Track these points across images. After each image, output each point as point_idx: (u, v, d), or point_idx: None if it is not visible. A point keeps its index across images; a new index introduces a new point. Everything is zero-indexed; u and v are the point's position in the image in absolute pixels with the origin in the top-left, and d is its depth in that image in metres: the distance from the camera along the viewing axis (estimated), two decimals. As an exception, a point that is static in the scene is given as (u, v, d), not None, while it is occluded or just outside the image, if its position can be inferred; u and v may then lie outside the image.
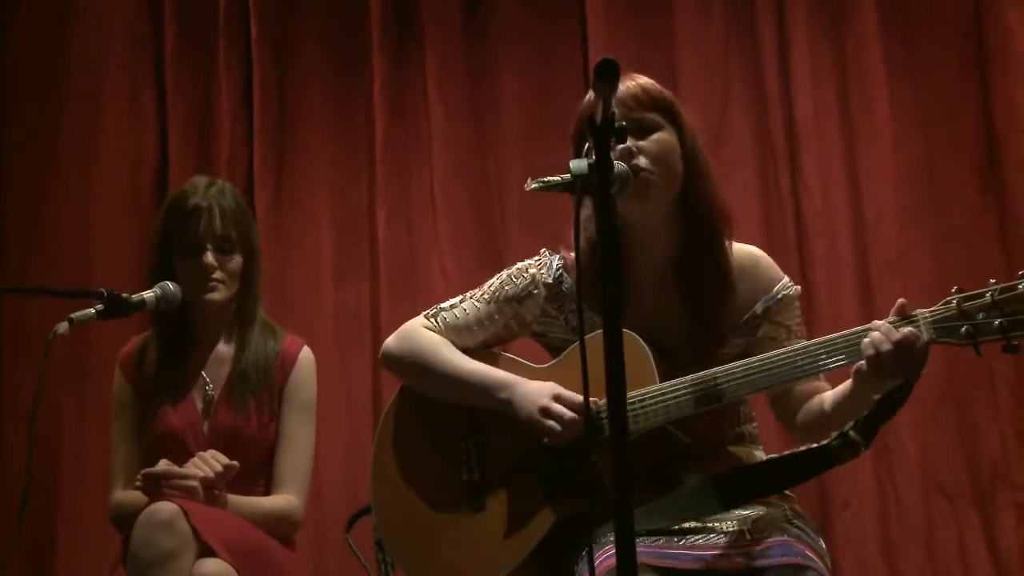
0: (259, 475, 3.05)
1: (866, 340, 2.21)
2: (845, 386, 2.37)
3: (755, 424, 2.59)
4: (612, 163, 1.85)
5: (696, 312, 2.45)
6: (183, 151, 4.52)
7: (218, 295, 3.05)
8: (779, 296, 2.50)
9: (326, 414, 3.48)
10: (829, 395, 2.43)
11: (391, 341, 2.63)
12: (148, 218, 4.28)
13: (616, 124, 1.82)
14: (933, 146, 4.11)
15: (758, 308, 2.49)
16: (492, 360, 2.57)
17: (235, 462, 2.85)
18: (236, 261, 3.08)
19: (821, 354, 2.28)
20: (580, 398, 2.29)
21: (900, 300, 2.26)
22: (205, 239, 3.03)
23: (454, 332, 2.59)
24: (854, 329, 2.27)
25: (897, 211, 4.05)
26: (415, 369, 2.58)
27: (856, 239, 4.06)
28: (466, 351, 2.58)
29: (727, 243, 2.48)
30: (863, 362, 2.23)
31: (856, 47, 4.15)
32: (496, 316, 2.59)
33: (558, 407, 2.36)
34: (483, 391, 2.49)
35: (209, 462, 2.84)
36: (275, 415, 3.06)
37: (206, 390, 3.06)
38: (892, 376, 2.22)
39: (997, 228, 4.02)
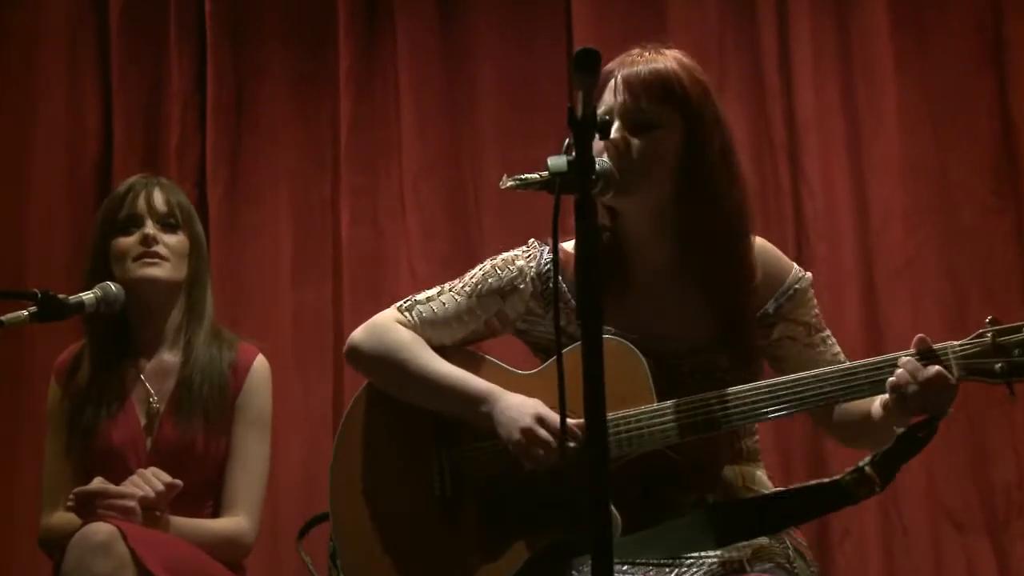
0: (207, 495, 3.03)
1: (891, 379, 2.20)
2: (876, 404, 2.35)
3: (756, 438, 2.56)
4: (593, 160, 1.83)
5: (717, 317, 2.42)
6: (128, 139, 4.47)
7: (160, 271, 3.02)
8: (791, 291, 2.49)
9: (282, 427, 3.46)
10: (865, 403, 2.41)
11: (359, 334, 2.59)
12: (88, 212, 4.22)
13: (599, 118, 1.80)
14: (944, 142, 4.10)
15: (770, 307, 2.47)
16: (471, 362, 2.52)
17: (178, 481, 2.83)
18: (181, 240, 3.08)
19: (838, 389, 2.27)
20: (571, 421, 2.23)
21: (919, 336, 2.25)
22: (144, 213, 3.06)
23: (430, 327, 2.55)
24: (876, 360, 2.27)
25: (904, 213, 4.05)
26: (384, 369, 2.54)
27: (860, 243, 4.05)
28: (442, 349, 2.54)
29: (739, 245, 2.44)
30: (887, 396, 2.24)
31: (862, 35, 4.14)
32: (477, 311, 2.54)
33: (543, 432, 2.31)
34: (460, 401, 2.44)
35: (150, 480, 2.81)
36: (226, 430, 3.04)
37: (150, 402, 3.04)
38: (917, 414, 2.22)
39: (1013, 231, 4.02)
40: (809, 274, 2.53)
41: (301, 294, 4.39)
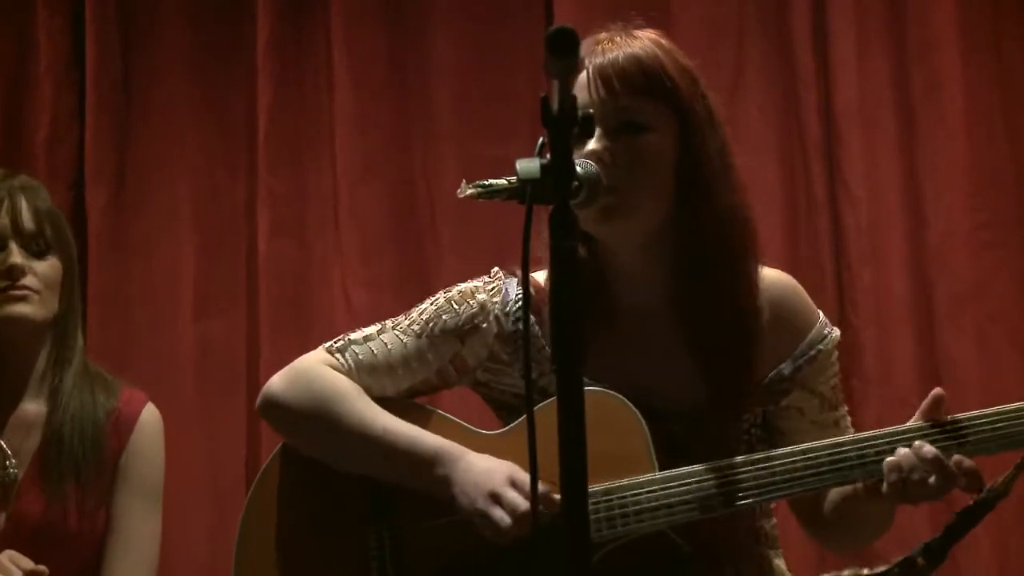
0: (81, 583, 3.12)
1: (890, 460, 2.26)
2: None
3: (774, 521, 2.58)
4: (573, 165, 1.82)
5: (707, 373, 2.44)
6: (-17, 130, 4.49)
7: (29, 308, 3.01)
8: (813, 352, 2.51)
9: (181, 493, 3.48)
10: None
11: (279, 383, 2.58)
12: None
13: (581, 113, 1.79)
14: (1021, 140, 4.11)
15: (786, 368, 2.50)
16: (421, 419, 2.52)
17: (43, 567, 2.81)
18: (53, 266, 3.08)
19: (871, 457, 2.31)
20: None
21: (936, 391, 2.31)
22: (7, 234, 3.02)
23: (368, 374, 2.55)
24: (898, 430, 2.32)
25: (971, 228, 4.08)
26: (311, 426, 2.53)
27: (915, 266, 4.09)
28: (383, 402, 2.53)
29: (745, 281, 2.45)
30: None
31: (920, 3, 4.15)
32: (428, 356, 2.55)
33: (513, 494, 2.31)
34: (411, 463, 2.44)
35: (5, 567, 2.78)
36: (104, 500, 3.05)
37: (6, 467, 2.98)
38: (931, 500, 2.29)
39: (1105, 251, 4.06)
40: (836, 331, 2.57)
41: (206, 325, 4.41)
